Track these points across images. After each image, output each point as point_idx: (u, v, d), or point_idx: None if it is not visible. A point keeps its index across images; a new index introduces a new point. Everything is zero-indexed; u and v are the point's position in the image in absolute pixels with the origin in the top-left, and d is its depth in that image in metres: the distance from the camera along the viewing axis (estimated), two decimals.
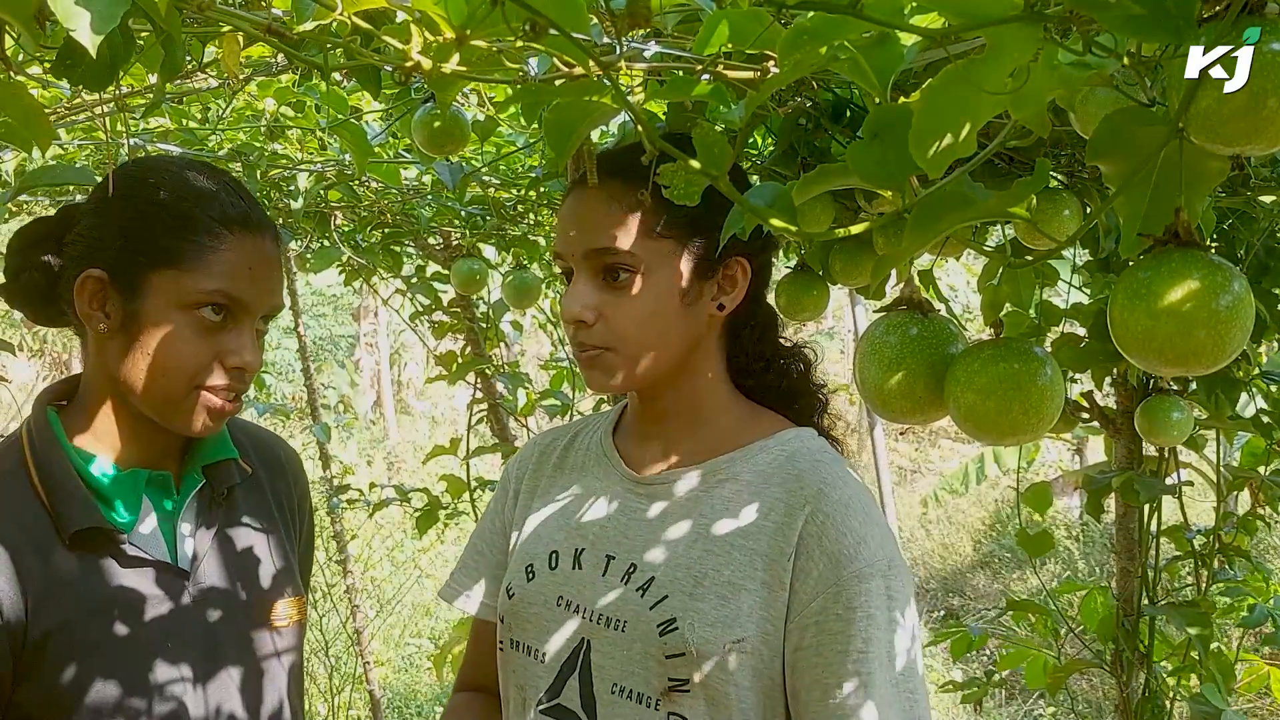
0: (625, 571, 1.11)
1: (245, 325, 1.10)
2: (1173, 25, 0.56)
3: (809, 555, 1.04)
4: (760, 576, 1.05)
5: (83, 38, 0.54)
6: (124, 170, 1.11)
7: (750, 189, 0.74)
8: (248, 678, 1.15)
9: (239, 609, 1.16)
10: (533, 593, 1.16)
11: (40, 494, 1.06)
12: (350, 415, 12.52)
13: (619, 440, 1.23)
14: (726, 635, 1.04)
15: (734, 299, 1.13)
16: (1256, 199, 1.42)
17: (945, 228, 0.69)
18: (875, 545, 1.05)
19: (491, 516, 1.30)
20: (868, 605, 1.02)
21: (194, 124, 2.18)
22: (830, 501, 1.06)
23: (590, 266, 1.09)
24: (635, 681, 1.07)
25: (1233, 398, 1.73)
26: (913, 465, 12.06)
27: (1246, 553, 2.06)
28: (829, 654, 1.02)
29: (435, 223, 2.73)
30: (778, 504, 1.08)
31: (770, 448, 1.13)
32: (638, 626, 1.07)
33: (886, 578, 1.04)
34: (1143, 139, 0.67)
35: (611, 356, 1.09)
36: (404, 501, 3.10)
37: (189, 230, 1.06)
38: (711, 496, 1.11)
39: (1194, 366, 0.72)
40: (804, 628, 1.03)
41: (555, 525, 1.20)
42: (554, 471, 1.26)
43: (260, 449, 1.29)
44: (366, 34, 0.68)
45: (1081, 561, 7.30)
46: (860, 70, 0.65)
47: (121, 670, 1.05)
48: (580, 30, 0.61)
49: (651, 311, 1.08)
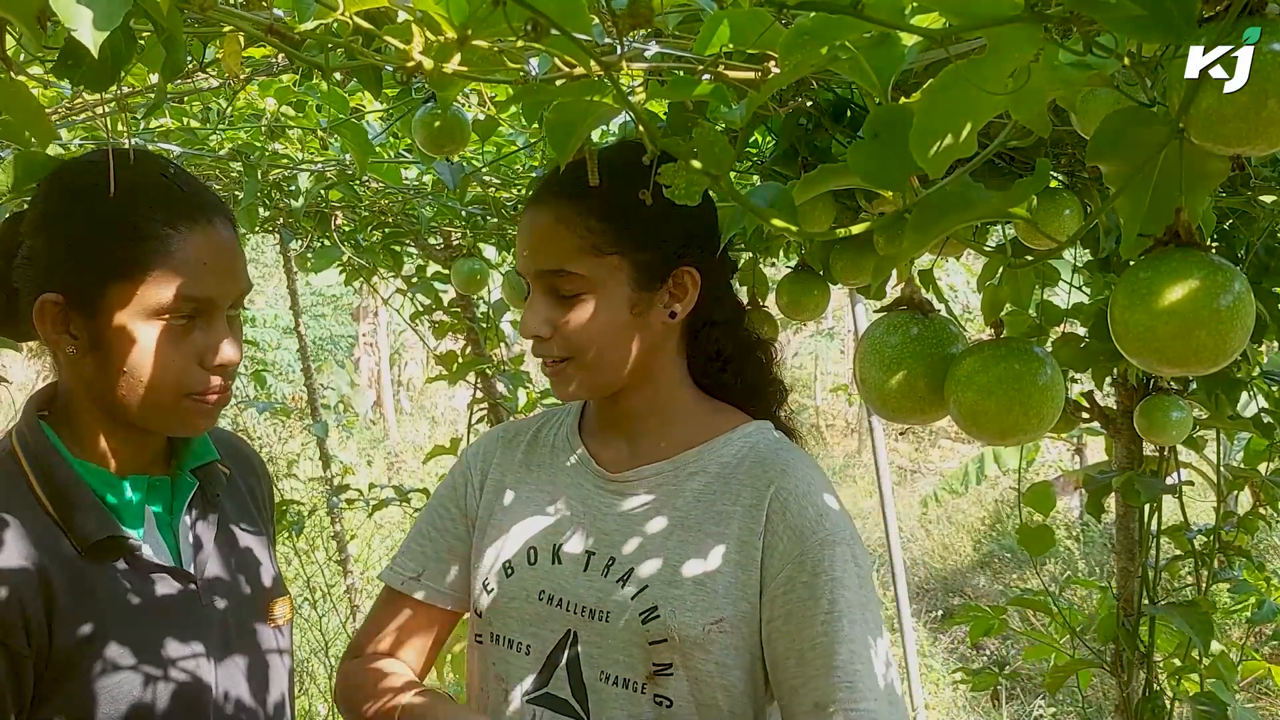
0: (605, 565, 1.17)
1: (216, 319, 1.06)
2: (1173, 25, 0.56)
3: (774, 531, 1.12)
4: (733, 558, 1.13)
5: (84, 37, 0.54)
6: (57, 181, 1.05)
7: (751, 189, 0.74)
8: (255, 671, 1.16)
9: (243, 607, 1.16)
10: (514, 588, 1.21)
11: (46, 507, 1.03)
12: (350, 415, 12.52)
13: (585, 438, 1.27)
14: (705, 618, 1.11)
15: (685, 306, 1.18)
16: (1257, 199, 1.42)
17: (946, 228, 0.69)
18: (836, 518, 1.13)
19: (445, 503, 1.32)
20: (832, 569, 1.09)
21: (195, 124, 2.18)
22: (792, 479, 1.15)
23: (543, 284, 1.15)
24: (620, 668, 1.14)
25: (1233, 397, 1.73)
26: (913, 465, 12.05)
27: (1247, 552, 2.06)
28: (799, 619, 1.09)
29: (436, 223, 2.73)
30: (744, 489, 1.15)
31: (734, 440, 1.20)
32: (621, 617, 1.14)
33: (850, 545, 1.12)
34: (1143, 139, 0.67)
35: (571, 367, 1.15)
36: (403, 502, 3.10)
37: (134, 238, 1.01)
38: (682, 489, 1.18)
39: (1194, 366, 0.72)
40: (774, 599, 1.11)
41: (529, 522, 1.24)
42: (520, 469, 1.29)
43: (228, 450, 1.26)
44: (368, 34, 0.69)
45: (1081, 561, 7.30)
46: (861, 70, 0.65)
47: (148, 674, 1.05)
48: (581, 30, 0.61)
49: (603, 324, 1.13)
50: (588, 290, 1.13)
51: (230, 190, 2.52)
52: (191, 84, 1.73)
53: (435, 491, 1.37)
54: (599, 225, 1.12)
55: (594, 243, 1.12)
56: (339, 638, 5.15)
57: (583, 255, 1.12)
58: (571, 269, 1.12)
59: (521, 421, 1.38)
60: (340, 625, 4.92)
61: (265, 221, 2.87)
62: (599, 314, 1.13)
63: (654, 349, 1.19)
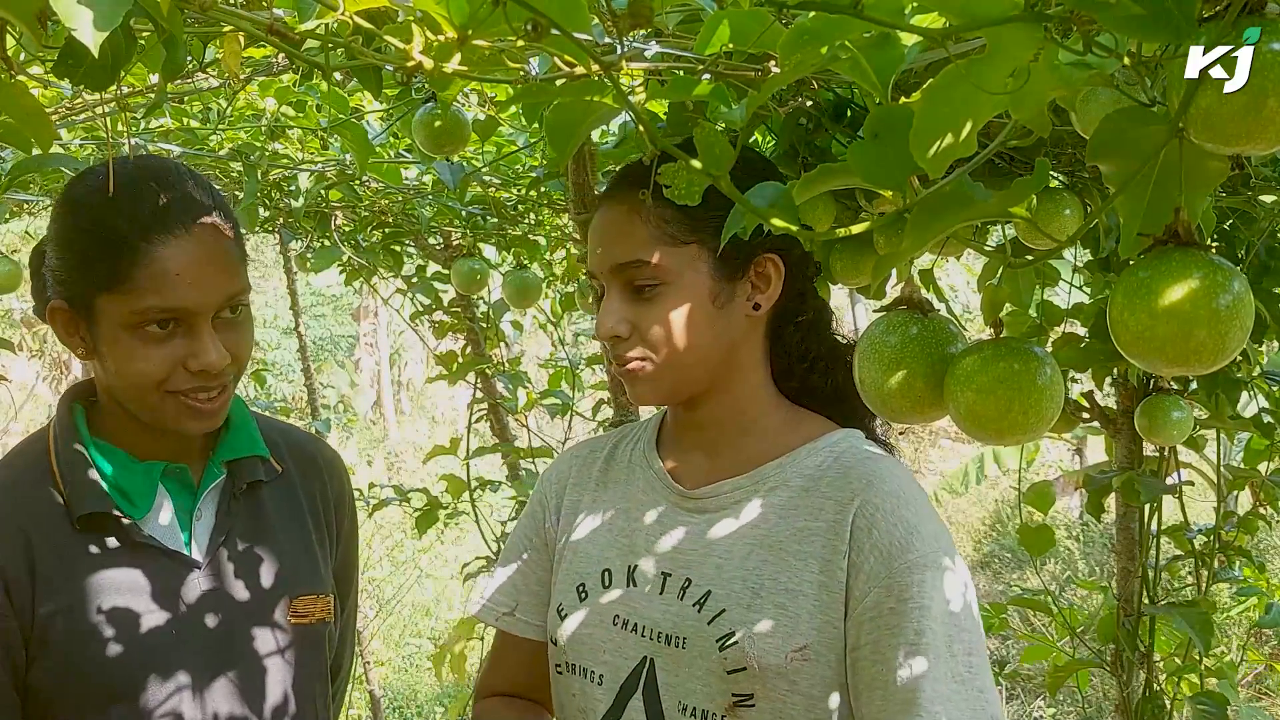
0: (681, 587, 1.10)
1: (198, 325, 1.07)
2: (1173, 25, 0.56)
3: (860, 550, 1.03)
4: (816, 579, 1.04)
5: (84, 37, 0.54)
6: (67, 191, 1.12)
7: (751, 188, 0.74)
8: (253, 672, 1.15)
9: (253, 602, 1.16)
10: (587, 613, 1.15)
11: (59, 483, 1.11)
12: (350, 415, 12.51)
13: (662, 453, 1.21)
14: (787, 645, 1.03)
15: (769, 297, 1.12)
16: (1257, 199, 1.42)
17: (946, 227, 0.69)
18: (928, 535, 1.03)
19: (529, 533, 1.27)
20: (921, 597, 1.00)
21: (195, 124, 2.18)
22: (879, 493, 1.05)
23: (619, 281, 1.10)
24: (699, 699, 1.06)
25: (1233, 397, 1.74)
26: (913, 465, 12.05)
27: (1247, 552, 2.06)
28: (885, 649, 1.00)
29: (436, 223, 2.73)
30: (827, 503, 1.07)
31: (819, 450, 1.11)
32: (697, 643, 1.07)
33: (941, 570, 1.02)
34: (1143, 139, 0.67)
35: (650, 368, 1.09)
36: (403, 502, 3.10)
37: (114, 251, 1.04)
38: (762, 505, 1.10)
39: (1194, 366, 0.72)
40: (860, 625, 1.02)
41: (604, 543, 1.18)
42: (596, 487, 1.23)
43: (295, 449, 1.29)
44: (368, 33, 0.69)
45: (1081, 561, 7.30)
46: (861, 70, 0.65)
47: (125, 653, 1.08)
48: (582, 30, 0.61)
49: (684, 319, 1.07)
50: (666, 281, 1.07)
51: (230, 190, 2.52)
52: (191, 84, 1.73)
53: (519, 520, 1.32)
54: (673, 214, 1.06)
55: (670, 232, 1.07)
56: None
57: (659, 245, 1.07)
58: (648, 259, 1.07)
59: (598, 439, 1.32)
60: None
61: (265, 221, 2.87)
62: (679, 307, 1.07)
63: (736, 347, 1.12)
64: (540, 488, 1.30)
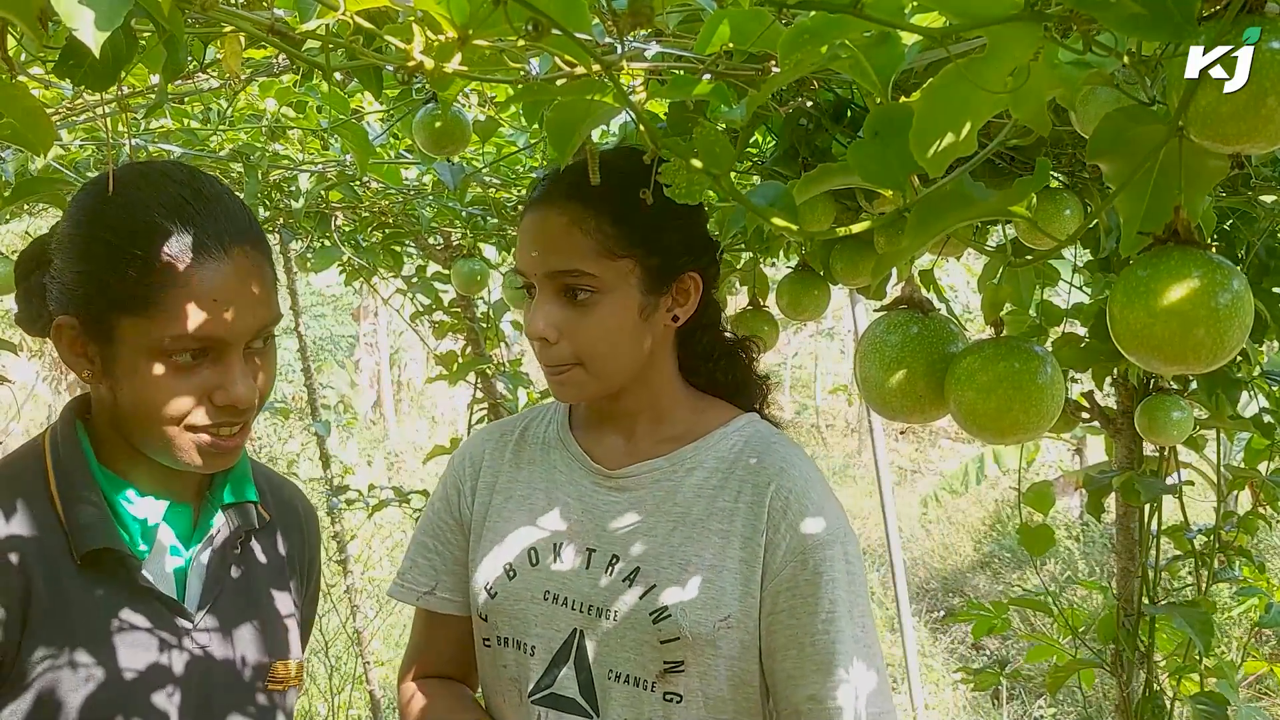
0: (608, 563, 1.17)
1: (229, 355, 0.98)
2: (1173, 24, 0.56)
3: (776, 529, 1.15)
4: (738, 554, 1.15)
5: (85, 38, 0.54)
6: (82, 199, 1.01)
7: (751, 189, 0.74)
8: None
9: (239, 658, 1.09)
10: (518, 590, 1.20)
11: (57, 508, 1.00)
12: (350, 415, 12.51)
13: (577, 434, 1.27)
14: (715, 615, 1.13)
15: (687, 311, 1.20)
16: (1257, 198, 1.42)
17: (946, 227, 0.69)
18: (832, 515, 1.17)
19: (442, 515, 1.31)
20: (830, 570, 1.13)
21: (195, 124, 2.18)
22: (791, 479, 1.17)
23: (552, 285, 1.14)
24: (630, 666, 1.15)
25: (1233, 397, 1.73)
26: (913, 465, 12.05)
27: (1247, 552, 2.06)
28: (801, 615, 1.13)
29: (436, 223, 2.73)
30: (745, 485, 1.17)
31: (730, 434, 1.22)
32: (630, 616, 1.15)
33: (844, 544, 1.16)
34: (1143, 138, 0.67)
35: (578, 372, 1.15)
36: (403, 502, 3.10)
37: (143, 272, 0.94)
38: (683, 485, 1.19)
39: (1193, 364, 0.72)
40: (776, 594, 1.14)
41: (527, 522, 1.23)
42: (511, 468, 1.28)
43: (278, 498, 1.21)
44: (369, 34, 0.69)
45: (1081, 561, 7.30)
46: (861, 69, 0.65)
47: (112, 701, 0.99)
48: (582, 30, 0.61)
49: (612, 328, 1.14)
50: (600, 291, 1.13)
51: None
52: (192, 84, 1.73)
53: (429, 502, 1.35)
54: (613, 229, 1.12)
55: (608, 245, 1.12)
56: (339, 637, 5.15)
57: (597, 257, 1.12)
58: (587, 269, 1.12)
59: (507, 421, 1.37)
60: (340, 625, 4.92)
61: (265, 222, 2.87)
62: (610, 317, 1.13)
63: (653, 351, 1.20)
64: (453, 470, 1.34)
